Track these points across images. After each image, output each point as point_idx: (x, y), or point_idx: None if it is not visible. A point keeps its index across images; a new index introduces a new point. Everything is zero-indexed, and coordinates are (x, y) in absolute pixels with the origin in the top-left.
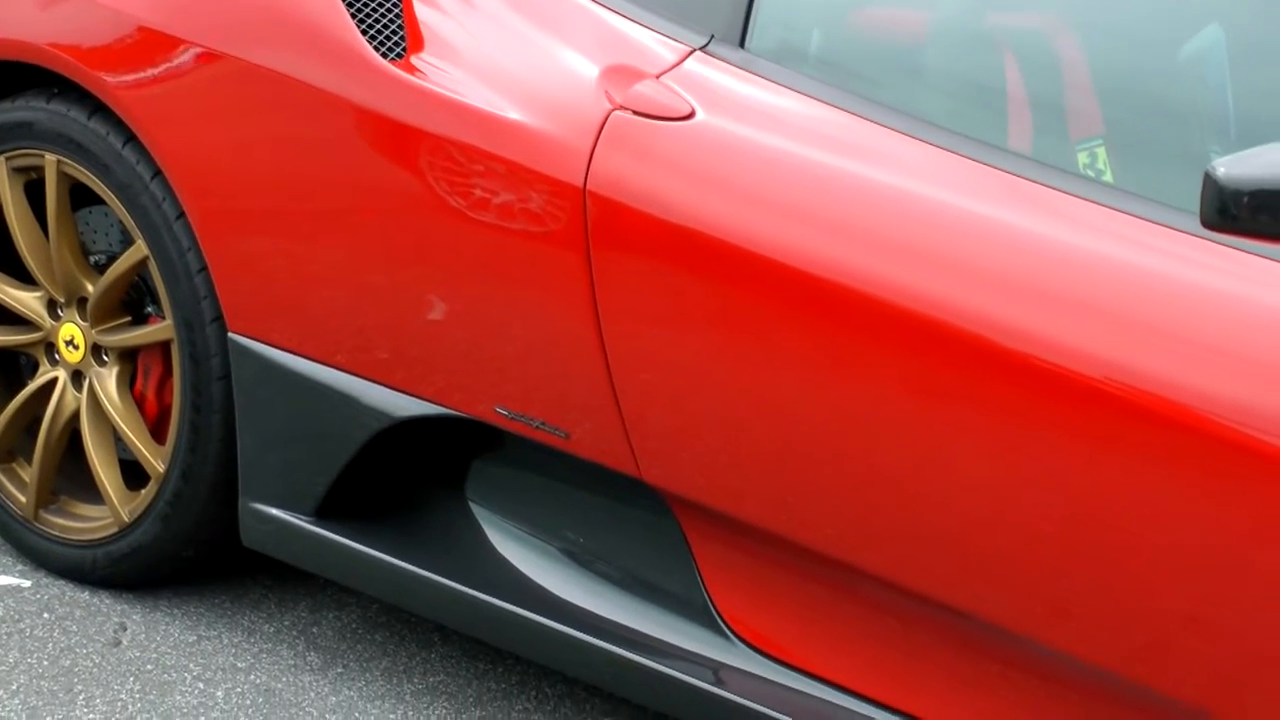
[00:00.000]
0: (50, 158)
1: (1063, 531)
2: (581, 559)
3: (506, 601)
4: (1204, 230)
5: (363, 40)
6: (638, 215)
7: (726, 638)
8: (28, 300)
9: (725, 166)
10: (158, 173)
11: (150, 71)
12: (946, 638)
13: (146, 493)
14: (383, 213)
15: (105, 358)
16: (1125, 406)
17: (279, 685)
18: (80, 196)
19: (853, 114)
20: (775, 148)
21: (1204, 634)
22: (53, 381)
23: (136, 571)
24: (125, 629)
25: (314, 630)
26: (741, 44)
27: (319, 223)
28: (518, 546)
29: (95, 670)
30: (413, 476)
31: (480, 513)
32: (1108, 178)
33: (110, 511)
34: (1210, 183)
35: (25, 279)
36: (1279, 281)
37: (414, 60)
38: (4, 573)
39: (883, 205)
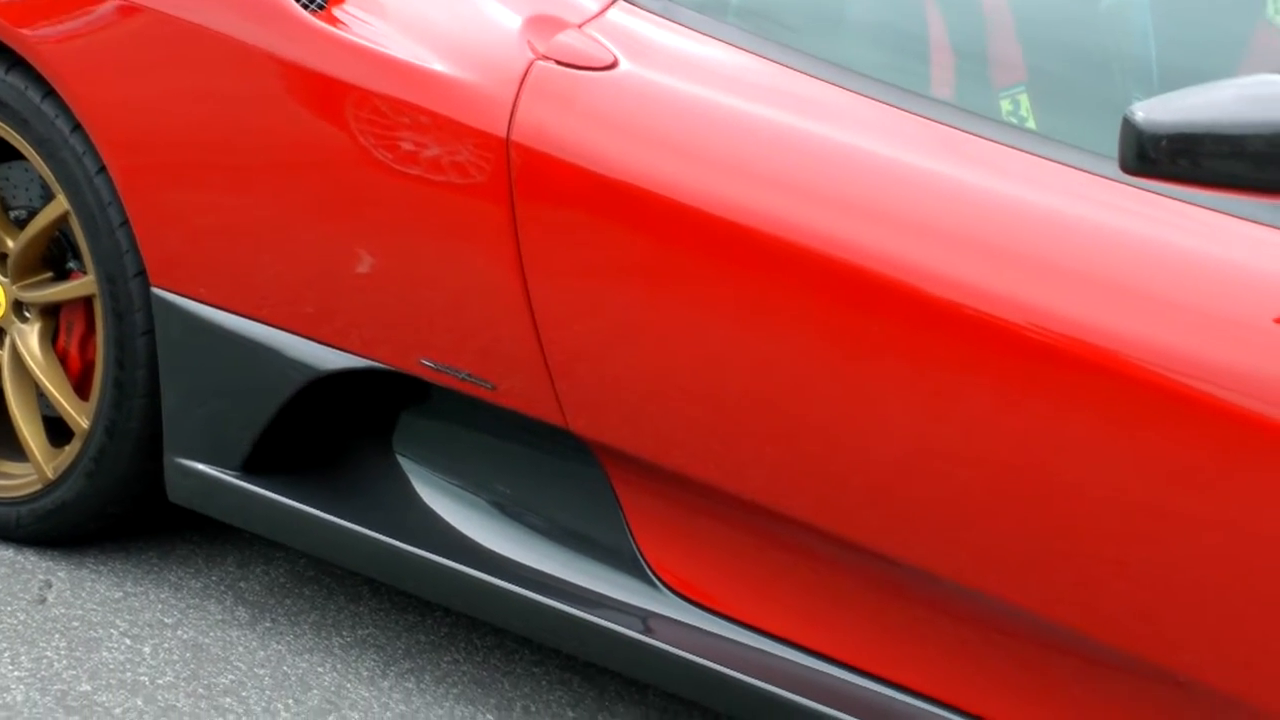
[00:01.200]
0: None
1: (988, 477)
2: (509, 510)
3: (435, 554)
4: (1124, 175)
5: None
6: (561, 166)
7: (654, 586)
8: None
9: (648, 116)
10: (77, 126)
11: (69, 25)
12: (874, 584)
13: (71, 449)
14: (307, 166)
15: (27, 314)
16: (1047, 351)
17: (207, 640)
18: None
19: (775, 62)
20: (698, 97)
21: (1130, 576)
22: None
23: (62, 528)
24: (51, 586)
25: (242, 585)
26: None
27: (242, 177)
28: (445, 499)
29: (20, 628)
30: (340, 430)
31: (408, 466)
32: (1031, 125)
33: (34, 468)
34: (1129, 127)
35: None
36: (1198, 226)
37: (336, 12)
38: None
39: (806, 153)
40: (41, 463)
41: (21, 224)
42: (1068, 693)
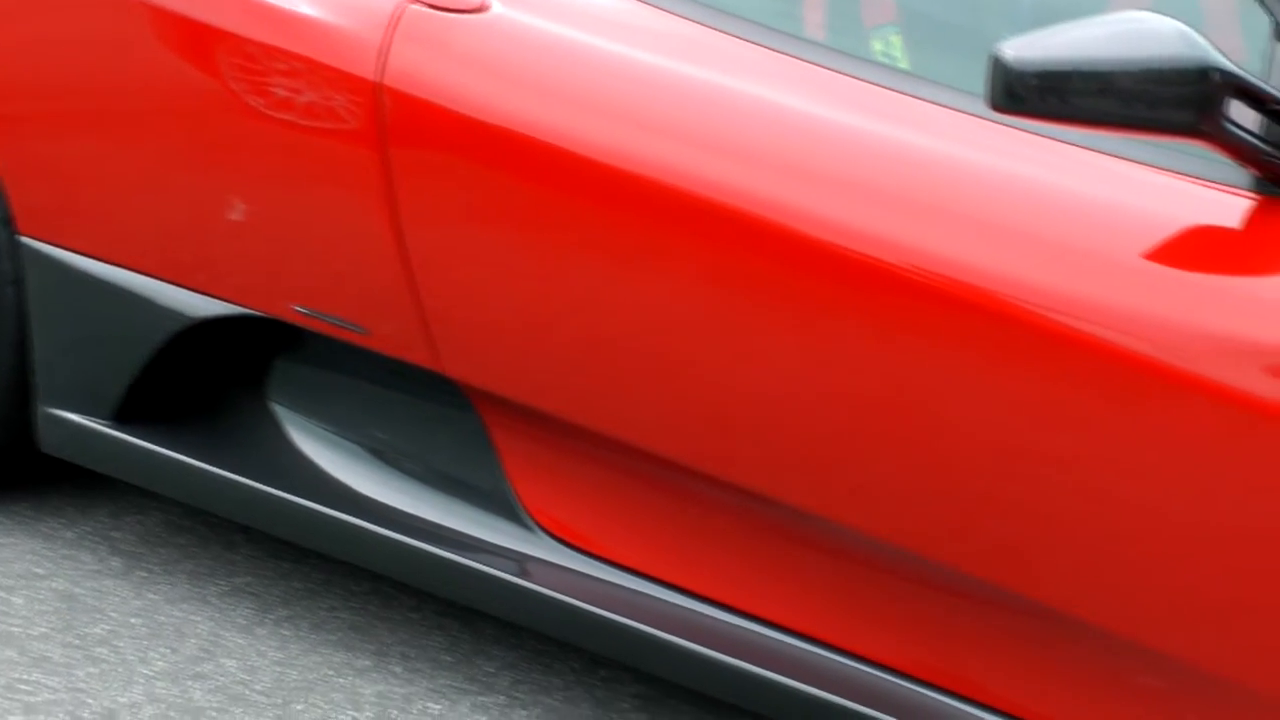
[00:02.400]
0: None
1: (861, 415)
2: (385, 456)
3: (310, 500)
4: (994, 113)
5: None
6: (433, 110)
7: (530, 530)
8: None
9: (520, 59)
10: None
11: None
12: (750, 523)
13: None
14: (177, 114)
15: None
16: (919, 290)
17: (80, 591)
18: None
19: (646, 4)
20: (569, 39)
21: (1002, 512)
22: None
23: None
24: None
25: (115, 535)
26: None
27: (112, 124)
28: (321, 445)
29: None
30: (213, 378)
31: (282, 413)
32: (902, 64)
33: None
34: (998, 65)
35: None
36: (1067, 163)
37: None
38: None
39: (678, 95)
40: None
41: None
42: (941, 627)
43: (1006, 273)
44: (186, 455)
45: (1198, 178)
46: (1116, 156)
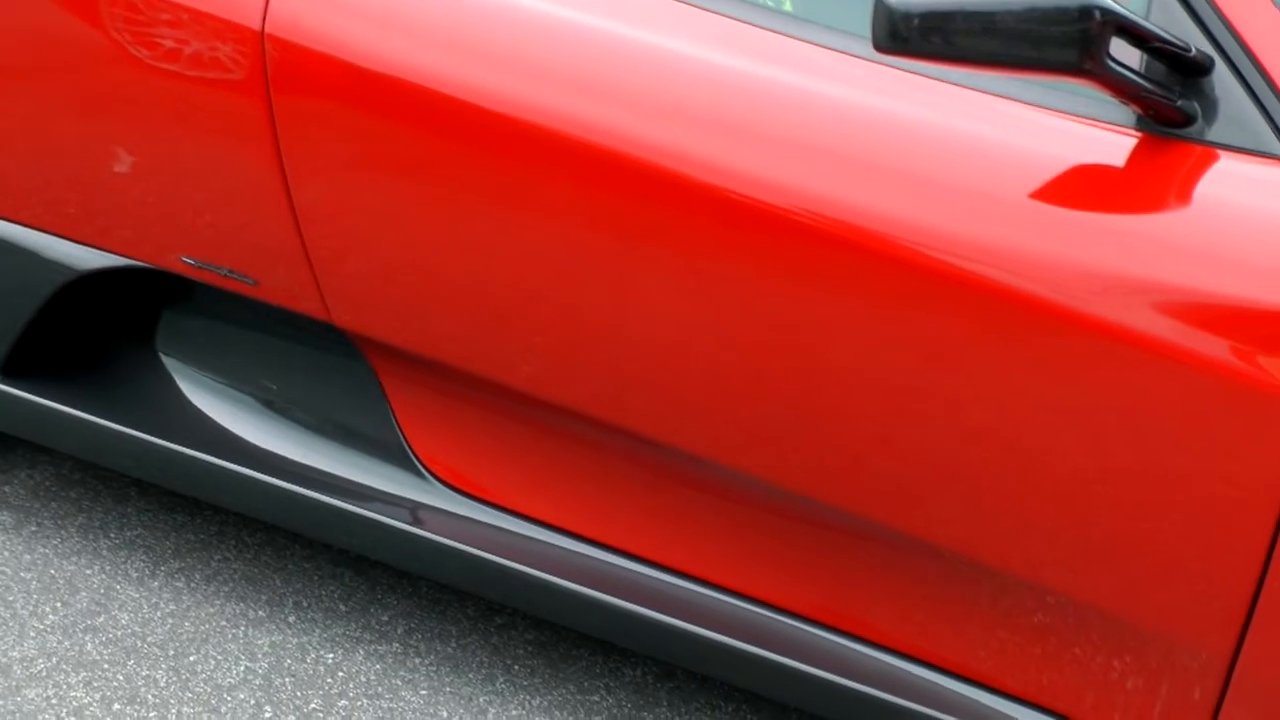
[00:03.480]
0: None
1: (752, 359)
2: (276, 406)
3: (202, 452)
4: (878, 55)
5: None
6: (316, 58)
7: (423, 478)
8: None
9: (401, 4)
10: None
11: None
12: (642, 467)
13: None
14: (62, 65)
15: None
16: (807, 232)
17: None
18: None
19: None
20: None
21: (893, 453)
22: None
23: None
24: None
25: (5, 490)
26: None
27: None
28: (211, 396)
29: None
30: (102, 330)
31: (172, 364)
32: (787, 7)
33: None
34: (881, 6)
35: None
36: (952, 103)
37: None
38: None
39: (557, 38)
40: None
41: None
42: (834, 568)
43: (892, 214)
44: (76, 409)
45: (1082, 117)
46: (1001, 96)
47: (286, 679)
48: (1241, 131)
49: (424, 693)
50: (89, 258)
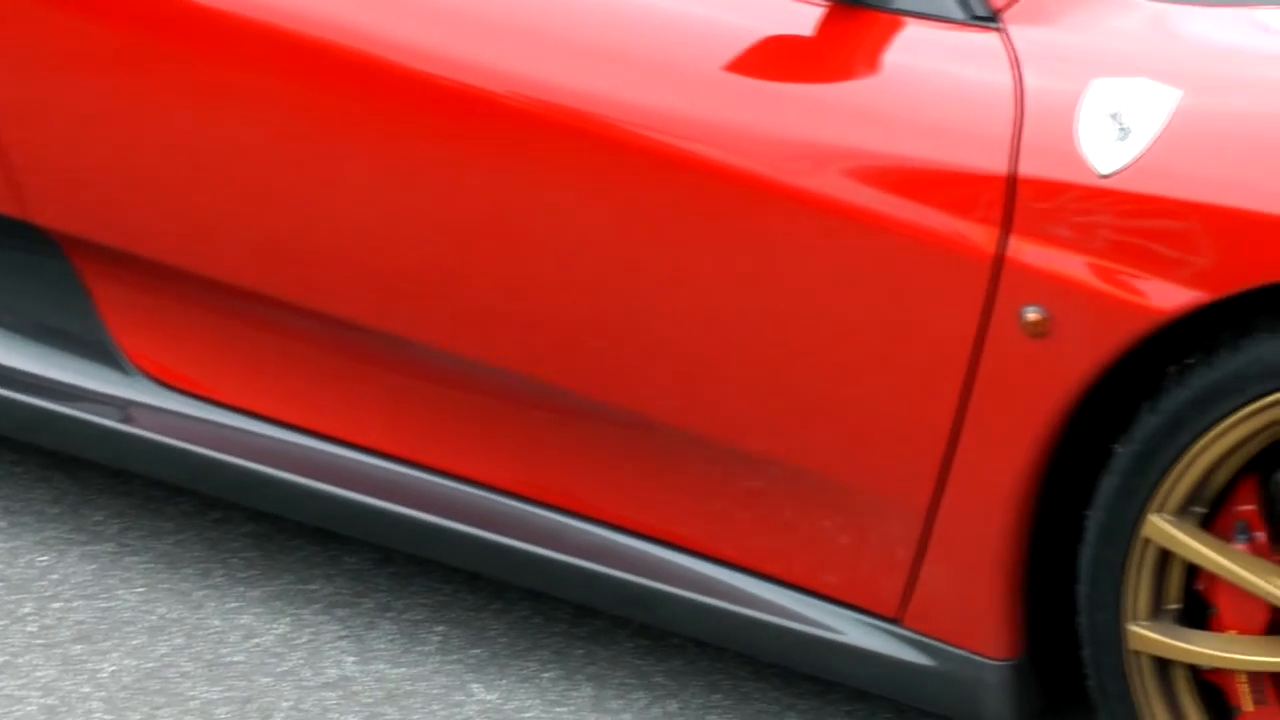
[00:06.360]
0: None
1: (459, 241)
2: None
3: None
4: None
5: None
6: None
7: (131, 375)
8: None
9: None
10: None
11: None
12: (354, 355)
13: None
14: None
15: None
16: (509, 113)
17: None
18: None
19: None
20: None
21: (602, 332)
22: None
23: None
24: None
25: None
26: None
27: None
28: None
29: None
30: None
31: None
32: None
33: None
34: None
35: None
36: None
37: None
38: None
39: None
40: None
41: None
42: (548, 445)
43: (590, 91)
44: None
45: None
46: None
47: None
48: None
49: (140, 590)
50: None
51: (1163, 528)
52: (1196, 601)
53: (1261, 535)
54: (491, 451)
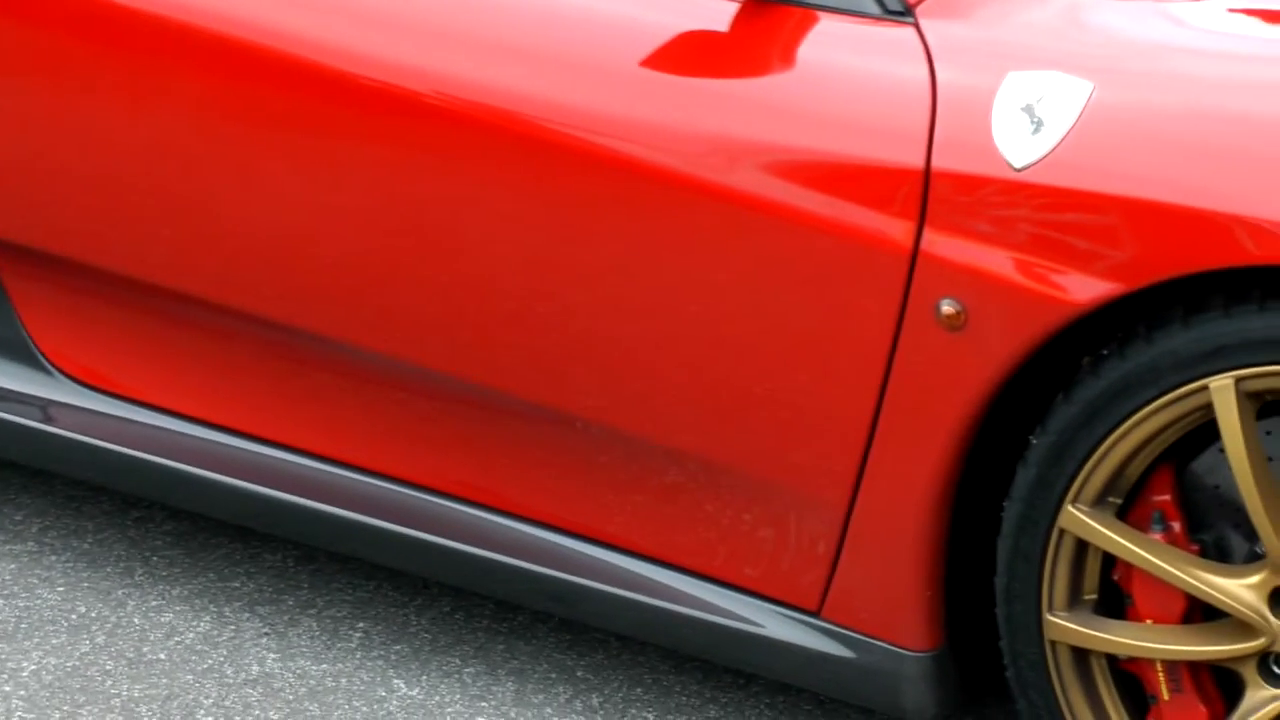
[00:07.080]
0: None
1: (377, 239)
2: None
3: None
4: None
5: None
6: None
7: (51, 375)
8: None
9: None
10: None
11: None
12: (274, 354)
13: None
14: None
15: None
16: (431, 112)
17: None
18: None
19: None
20: None
21: (524, 328)
22: None
23: None
24: None
25: None
26: None
27: None
28: None
29: None
30: None
31: None
32: None
33: None
34: None
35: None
36: None
37: None
38: None
39: None
40: None
41: None
42: (467, 442)
43: (511, 89)
44: None
45: None
46: None
47: None
48: None
49: (60, 589)
50: None
51: (1079, 518)
52: (1113, 591)
53: (1177, 525)
54: (412, 448)
